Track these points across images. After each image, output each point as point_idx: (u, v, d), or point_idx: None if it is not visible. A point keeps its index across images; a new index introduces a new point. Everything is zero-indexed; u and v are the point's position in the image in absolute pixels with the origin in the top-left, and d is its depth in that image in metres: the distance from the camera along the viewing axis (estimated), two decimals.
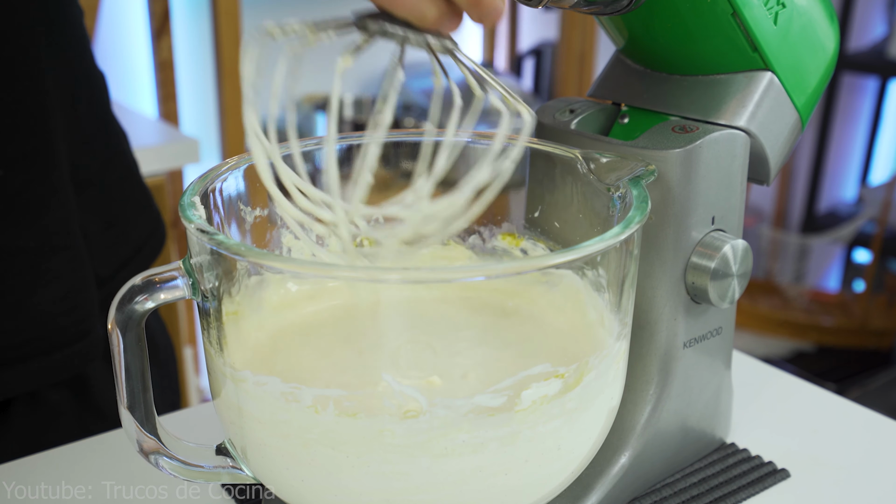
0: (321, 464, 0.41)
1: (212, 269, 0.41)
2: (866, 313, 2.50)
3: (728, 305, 0.54)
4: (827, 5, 0.55)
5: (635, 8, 0.50)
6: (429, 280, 0.42)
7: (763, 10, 0.51)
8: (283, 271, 0.40)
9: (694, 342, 0.55)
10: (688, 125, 0.52)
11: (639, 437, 0.54)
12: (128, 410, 0.43)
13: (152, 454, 0.45)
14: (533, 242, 0.55)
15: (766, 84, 0.52)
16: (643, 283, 0.53)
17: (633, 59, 0.57)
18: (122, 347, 0.42)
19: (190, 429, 0.64)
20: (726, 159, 0.52)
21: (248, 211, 0.50)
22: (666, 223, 0.51)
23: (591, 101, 0.58)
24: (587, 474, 0.52)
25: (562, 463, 0.44)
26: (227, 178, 0.48)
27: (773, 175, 0.56)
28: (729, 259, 0.52)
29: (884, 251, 2.60)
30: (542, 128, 0.56)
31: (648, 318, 0.53)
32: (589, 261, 0.42)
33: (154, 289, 0.42)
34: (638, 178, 0.46)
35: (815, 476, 0.59)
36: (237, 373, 0.42)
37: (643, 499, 0.55)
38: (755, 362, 0.73)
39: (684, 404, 0.56)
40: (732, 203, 0.54)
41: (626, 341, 0.46)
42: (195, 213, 0.42)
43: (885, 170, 2.93)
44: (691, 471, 0.58)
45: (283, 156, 0.51)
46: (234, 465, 0.47)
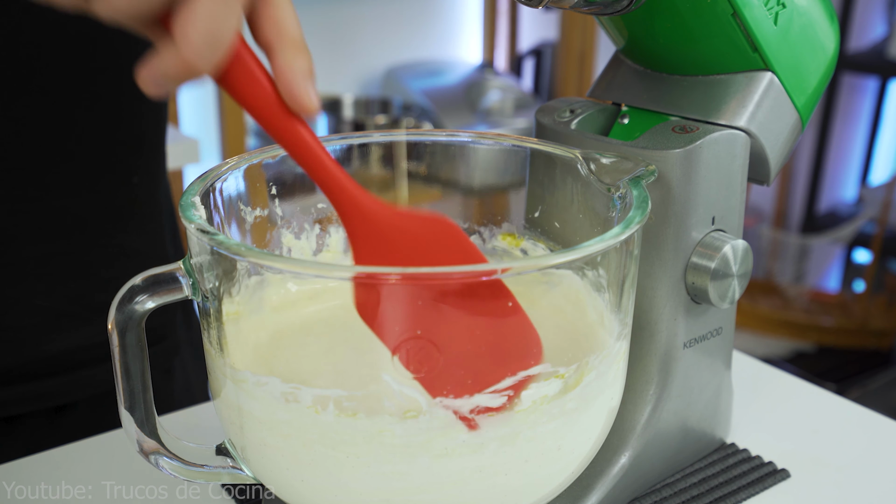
0: (321, 464, 0.41)
1: (212, 269, 0.41)
2: (866, 313, 2.50)
3: (728, 306, 0.54)
4: (827, 5, 0.55)
5: (635, 8, 0.50)
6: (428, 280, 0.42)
7: (763, 11, 0.51)
8: (283, 271, 0.40)
9: (694, 342, 0.55)
10: (688, 125, 0.52)
11: (639, 437, 0.54)
12: (127, 411, 0.43)
13: (152, 454, 0.45)
14: (533, 243, 0.55)
15: (767, 84, 0.52)
16: (643, 284, 0.53)
17: (633, 60, 0.57)
18: (121, 348, 0.42)
19: (190, 429, 0.64)
20: (726, 159, 0.52)
21: (248, 211, 0.50)
22: (666, 223, 0.51)
23: (591, 101, 0.58)
24: (587, 474, 0.52)
25: (562, 463, 0.44)
26: (227, 178, 0.48)
27: (774, 175, 0.56)
28: (729, 259, 0.52)
29: (884, 251, 2.60)
30: (542, 128, 0.56)
31: (648, 318, 0.53)
32: (589, 261, 0.42)
33: (154, 289, 0.41)
34: (638, 179, 0.46)
35: (815, 476, 0.59)
36: (237, 373, 0.42)
37: (643, 499, 0.55)
38: (755, 362, 0.73)
39: (684, 404, 0.56)
40: (732, 203, 0.54)
41: (626, 341, 0.46)
42: (195, 213, 0.42)
43: (885, 170, 2.93)
44: (691, 471, 0.58)
45: (281, 156, 0.51)
46: (234, 465, 0.47)
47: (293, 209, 0.53)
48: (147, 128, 0.67)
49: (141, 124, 0.66)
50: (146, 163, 0.68)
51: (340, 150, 0.53)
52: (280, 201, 0.52)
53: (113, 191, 0.65)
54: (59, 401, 0.66)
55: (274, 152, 0.50)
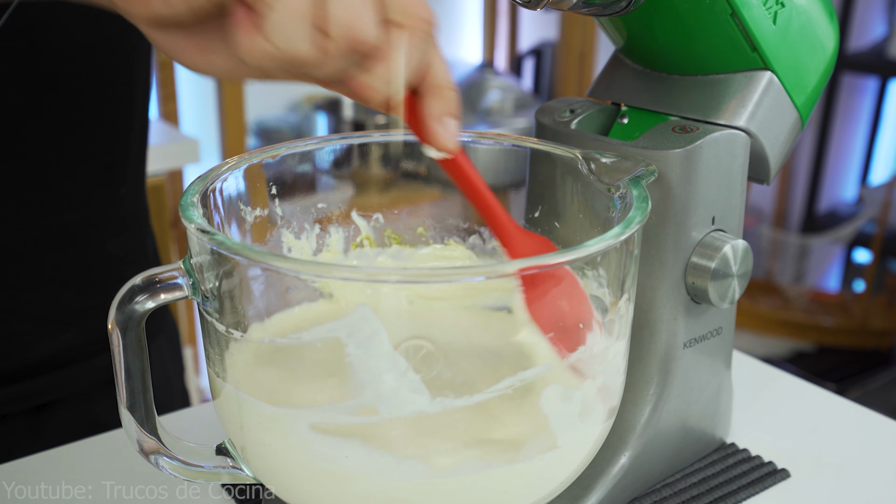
0: (321, 464, 0.41)
1: (212, 269, 0.41)
2: (866, 313, 2.50)
3: (728, 305, 0.54)
4: (826, 4, 0.55)
5: (634, 9, 0.50)
6: (429, 280, 0.42)
7: (762, 10, 0.51)
8: (283, 271, 0.41)
9: (694, 342, 0.55)
10: (688, 125, 0.52)
11: (639, 437, 0.54)
12: (128, 410, 0.43)
13: (152, 454, 0.45)
14: None
15: (766, 83, 0.52)
16: (643, 283, 0.53)
17: (633, 59, 0.57)
18: (121, 347, 0.42)
19: (190, 429, 0.64)
20: (726, 159, 0.52)
21: (248, 211, 0.50)
22: (666, 223, 0.51)
23: (591, 101, 0.58)
24: (587, 474, 0.52)
25: (562, 463, 0.44)
26: (227, 178, 0.48)
27: (773, 174, 0.56)
28: (729, 259, 0.52)
29: (884, 251, 2.60)
30: (542, 128, 0.56)
31: (648, 318, 0.53)
32: (589, 261, 0.42)
33: (154, 289, 0.41)
34: (638, 179, 0.46)
35: (815, 476, 0.59)
36: (237, 373, 0.42)
37: (643, 499, 0.55)
38: (755, 362, 0.73)
39: (684, 404, 0.56)
40: (732, 203, 0.54)
41: (626, 341, 0.46)
42: (195, 212, 0.42)
43: (885, 170, 2.93)
44: (691, 471, 0.58)
45: (281, 156, 0.51)
46: (234, 465, 0.47)
47: (293, 209, 0.53)
48: (134, 140, 0.69)
49: (129, 138, 0.68)
50: (132, 172, 0.70)
51: (340, 149, 0.53)
52: (280, 201, 0.52)
53: (103, 204, 0.67)
54: (38, 401, 0.68)
55: (274, 152, 0.50)
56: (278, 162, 0.51)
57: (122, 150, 0.68)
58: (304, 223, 0.54)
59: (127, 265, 0.70)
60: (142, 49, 0.67)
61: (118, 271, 0.68)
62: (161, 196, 1.55)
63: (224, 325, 0.43)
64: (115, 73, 0.64)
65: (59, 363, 0.67)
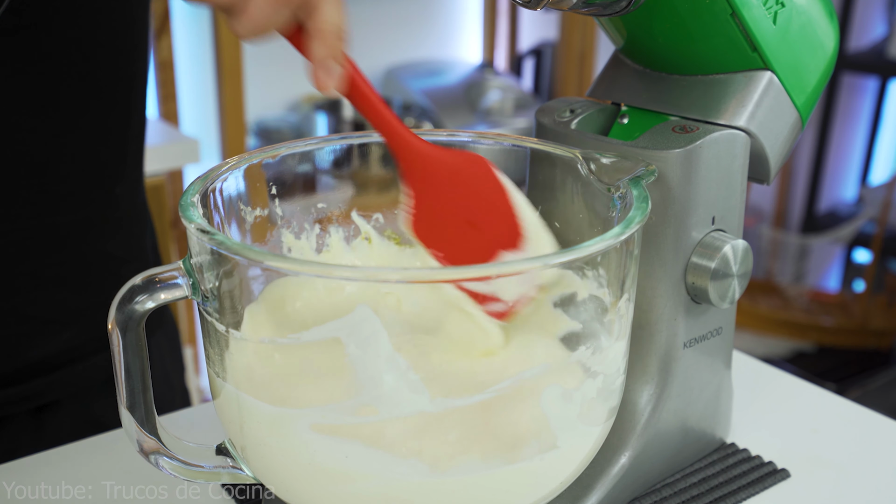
0: (321, 464, 0.41)
1: (212, 269, 0.41)
2: (866, 313, 2.50)
3: (728, 305, 0.54)
4: (826, 4, 0.55)
5: (634, 9, 0.50)
6: (429, 280, 0.42)
7: (762, 10, 0.51)
8: (283, 271, 0.41)
9: (694, 342, 0.55)
10: (688, 125, 0.52)
11: (639, 437, 0.54)
12: (128, 410, 0.43)
13: (152, 454, 0.45)
14: None
15: (766, 83, 0.52)
16: (643, 283, 0.53)
17: (633, 59, 0.57)
18: (121, 347, 0.42)
19: (190, 429, 0.64)
20: (726, 159, 0.52)
21: (248, 211, 0.50)
22: (666, 223, 0.51)
23: (591, 101, 0.58)
24: (587, 474, 0.52)
25: (562, 463, 0.44)
26: (227, 178, 0.48)
27: (774, 174, 0.56)
28: (729, 259, 0.52)
29: (884, 251, 2.60)
30: (543, 128, 0.56)
31: (648, 318, 0.53)
32: (589, 261, 0.42)
33: (154, 289, 0.41)
34: (638, 178, 0.46)
35: (815, 476, 0.59)
36: (237, 373, 0.42)
37: (643, 499, 0.55)
38: (755, 362, 0.73)
39: (684, 404, 0.56)
40: (732, 203, 0.54)
41: (626, 341, 0.46)
42: (195, 212, 0.42)
43: (885, 170, 2.93)
44: (691, 471, 0.58)
45: (281, 156, 0.51)
46: (234, 465, 0.47)
47: (293, 209, 0.53)
48: (131, 140, 0.69)
49: (126, 137, 0.68)
50: (130, 171, 0.70)
51: (340, 149, 0.53)
52: (280, 201, 0.52)
53: (100, 203, 0.67)
54: (39, 402, 0.68)
55: (274, 152, 0.50)
56: (278, 162, 0.51)
57: (119, 149, 0.68)
58: (304, 223, 0.54)
59: (125, 264, 0.70)
60: (139, 48, 0.67)
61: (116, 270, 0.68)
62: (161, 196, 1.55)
63: (224, 325, 0.43)
64: (112, 73, 0.64)
65: (58, 363, 0.67)
